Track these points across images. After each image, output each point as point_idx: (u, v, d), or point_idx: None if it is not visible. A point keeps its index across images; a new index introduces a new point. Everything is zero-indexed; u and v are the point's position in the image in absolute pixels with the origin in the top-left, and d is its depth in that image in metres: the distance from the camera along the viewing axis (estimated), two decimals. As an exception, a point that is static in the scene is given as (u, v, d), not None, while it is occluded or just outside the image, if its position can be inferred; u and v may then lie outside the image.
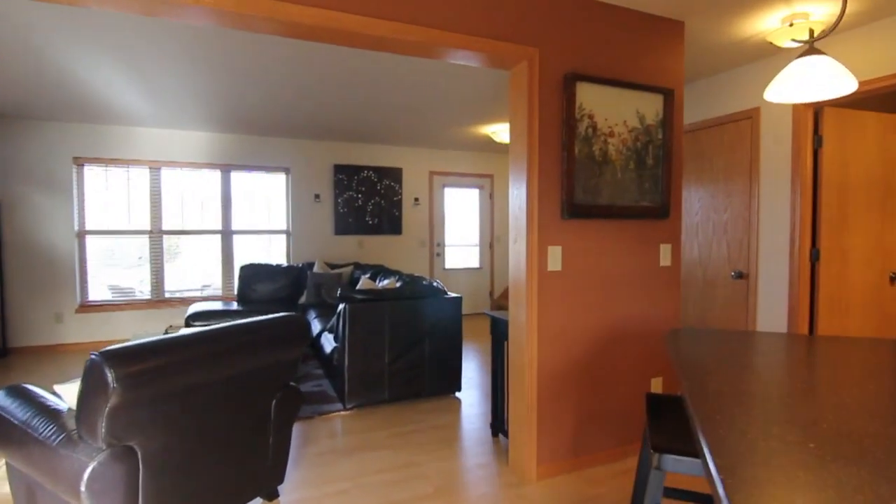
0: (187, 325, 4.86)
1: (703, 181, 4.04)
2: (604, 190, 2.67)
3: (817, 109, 3.31)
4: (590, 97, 2.60)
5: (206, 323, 4.84)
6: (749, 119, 3.62)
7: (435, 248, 7.45)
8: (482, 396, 3.91)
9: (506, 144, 6.97)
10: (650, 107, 2.78)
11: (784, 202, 3.40)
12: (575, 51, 2.59)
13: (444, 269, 7.54)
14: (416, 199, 7.27)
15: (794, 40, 1.42)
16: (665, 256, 2.90)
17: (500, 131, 5.79)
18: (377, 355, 3.60)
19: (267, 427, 2.18)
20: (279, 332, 2.15)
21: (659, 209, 2.82)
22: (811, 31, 1.44)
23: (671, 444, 1.34)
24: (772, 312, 3.48)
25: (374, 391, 3.61)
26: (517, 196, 2.59)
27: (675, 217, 2.92)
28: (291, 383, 2.32)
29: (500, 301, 7.71)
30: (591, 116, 2.61)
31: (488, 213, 7.83)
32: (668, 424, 1.48)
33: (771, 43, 3.01)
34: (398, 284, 4.27)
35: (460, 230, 7.68)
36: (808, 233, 3.33)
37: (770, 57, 3.44)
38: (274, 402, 2.20)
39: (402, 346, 3.68)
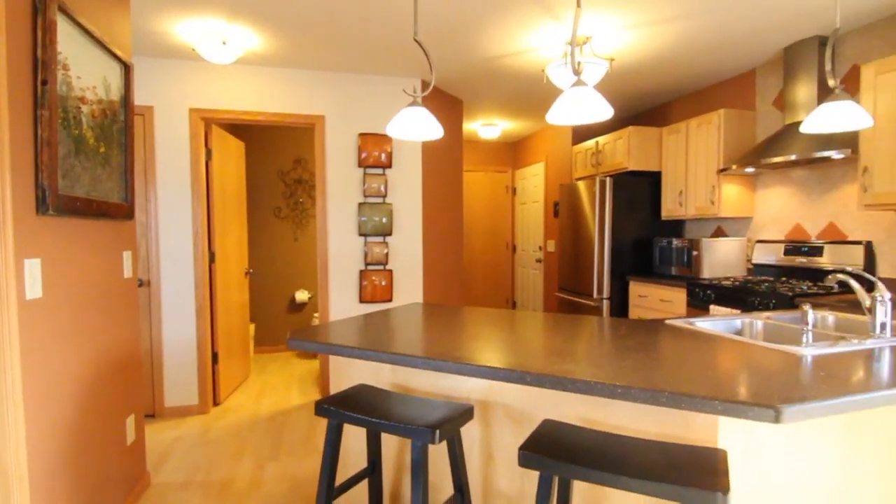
0: None
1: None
2: (82, 177, 1.91)
3: (207, 126, 3.63)
4: (65, 39, 1.78)
5: None
6: (142, 115, 3.41)
7: None
8: None
9: None
10: (115, 79, 2.21)
11: (185, 208, 3.49)
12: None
13: None
14: None
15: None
16: (128, 266, 2.39)
17: None
18: None
19: None
20: None
21: (127, 209, 2.30)
22: None
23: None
24: (179, 315, 3.50)
25: None
26: (-56, 170, 1.41)
27: (135, 219, 2.45)
28: None
29: None
30: (65, 68, 1.80)
31: None
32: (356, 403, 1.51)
33: (194, 49, 3.08)
34: None
35: None
36: (206, 237, 3.61)
37: (170, 59, 3.38)
38: None
39: None
